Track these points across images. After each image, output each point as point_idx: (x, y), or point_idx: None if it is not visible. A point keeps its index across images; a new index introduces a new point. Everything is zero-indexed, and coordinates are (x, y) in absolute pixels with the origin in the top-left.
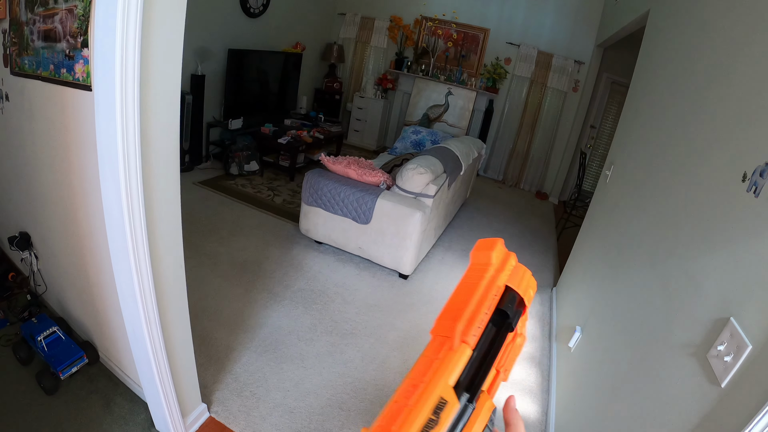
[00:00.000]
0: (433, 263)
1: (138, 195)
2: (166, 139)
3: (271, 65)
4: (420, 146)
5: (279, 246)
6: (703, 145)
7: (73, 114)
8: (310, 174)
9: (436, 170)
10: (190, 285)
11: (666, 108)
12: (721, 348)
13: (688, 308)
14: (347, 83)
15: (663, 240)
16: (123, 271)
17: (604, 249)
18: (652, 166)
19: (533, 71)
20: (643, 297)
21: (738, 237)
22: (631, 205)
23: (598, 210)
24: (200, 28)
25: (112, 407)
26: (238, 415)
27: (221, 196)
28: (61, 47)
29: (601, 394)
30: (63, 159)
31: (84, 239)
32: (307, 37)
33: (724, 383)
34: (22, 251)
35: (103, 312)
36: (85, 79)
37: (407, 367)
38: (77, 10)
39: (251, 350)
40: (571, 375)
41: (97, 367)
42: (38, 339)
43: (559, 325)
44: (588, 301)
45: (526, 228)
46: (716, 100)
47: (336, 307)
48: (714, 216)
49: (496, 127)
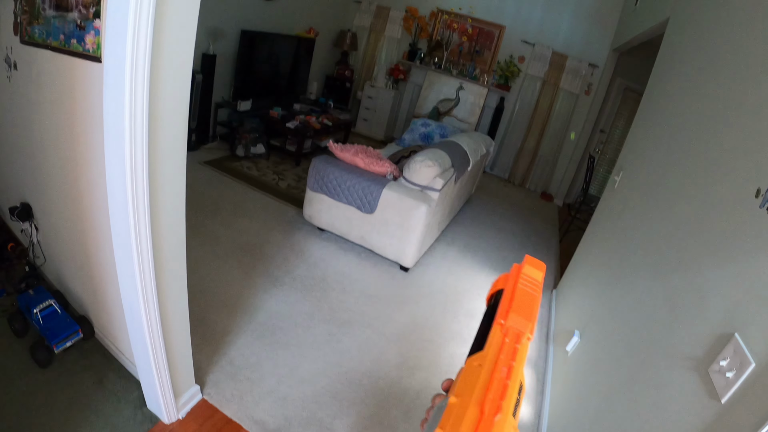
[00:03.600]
0: (435, 257)
1: (143, 171)
2: (175, 115)
3: (284, 49)
4: (428, 139)
5: (281, 230)
6: (717, 159)
7: (81, 86)
8: (317, 160)
9: (444, 164)
10: (190, 265)
11: (681, 118)
12: (724, 363)
13: (691, 321)
14: (359, 71)
15: (669, 250)
16: (123, 246)
17: (608, 255)
18: (663, 176)
19: (546, 71)
20: (645, 306)
21: (747, 253)
22: (639, 213)
23: (604, 215)
24: (214, 8)
25: (105, 383)
26: (231, 399)
27: (226, 177)
28: (73, 17)
29: (597, 400)
30: (68, 131)
31: (85, 213)
32: (321, 22)
33: (725, 399)
34: (23, 222)
35: (101, 287)
36: (96, 51)
37: (403, 362)
38: None
39: (248, 334)
40: (567, 379)
41: (92, 342)
42: (34, 311)
43: (558, 328)
44: (588, 306)
45: (529, 228)
46: (734, 114)
47: (335, 295)
48: (724, 230)
49: (506, 125)
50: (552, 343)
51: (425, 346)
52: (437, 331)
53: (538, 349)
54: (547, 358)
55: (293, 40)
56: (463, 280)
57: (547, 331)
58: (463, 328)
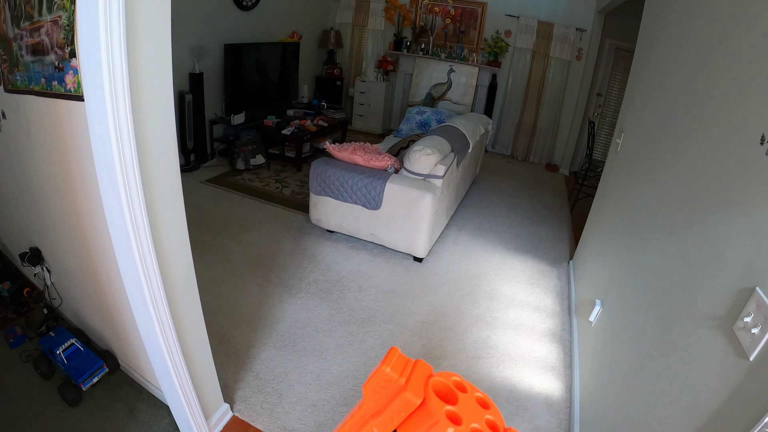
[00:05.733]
0: (447, 244)
1: (139, 201)
2: (163, 141)
3: (269, 57)
4: (426, 126)
5: (291, 238)
6: (716, 108)
7: (68, 125)
8: (316, 163)
9: (443, 150)
10: (204, 285)
11: (675, 68)
12: (748, 320)
13: (710, 278)
14: (347, 68)
15: (680, 208)
16: (132, 278)
17: (619, 219)
18: (665, 132)
19: (535, 42)
20: (663, 267)
21: (759, 203)
22: (645, 173)
23: (611, 179)
24: (193, 26)
25: (136, 414)
26: (261, 413)
27: (229, 192)
28: (50, 59)
29: (625, 368)
30: (63, 171)
31: (92, 249)
32: (303, 25)
33: (753, 356)
34: (34, 266)
35: (119, 320)
36: (77, 90)
37: (428, 352)
38: (62, 21)
39: (270, 346)
40: (594, 350)
41: (118, 375)
42: (57, 352)
43: (579, 299)
44: (606, 274)
45: (538, 201)
46: (730, 57)
47: (352, 295)
48: (732, 182)
49: (501, 102)
50: (575, 316)
51: (448, 335)
52: (458, 318)
53: (562, 322)
54: (571, 331)
55: (277, 47)
56: (479, 263)
57: (568, 303)
58: (484, 312)
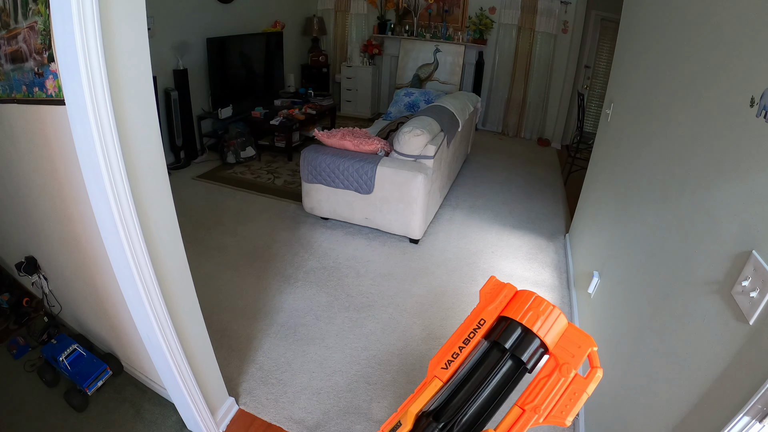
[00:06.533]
0: (442, 224)
1: (128, 202)
2: (148, 140)
3: (253, 48)
4: (414, 108)
5: (286, 228)
6: (705, 72)
7: (53, 131)
8: (306, 151)
9: (432, 130)
10: (202, 281)
11: (660, 36)
12: (746, 284)
13: (706, 244)
14: (333, 55)
15: (673, 174)
16: (126, 280)
17: (613, 189)
18: (653, 100)
19: (520, 17)
20: (658, 235)
21: (753, 166)
22: (637, 142)
23: (602, 150)
24: (174, 22)
25: (143, 414)
26: (266, 404)
27: (222, 186)
28: (30, 66)
29: (626, 338)
30: (52, 178)
31: (86, 254)
32: (285, 14)
33: (752, 320)
34: (31, 275)
35: (118, 322)
36: (58, 94)
37: (429, 333)
38: (38, 26)
39: (271, 337)
40: (594, 322)
41: (123, 376)
42: (60, 359)
43: (577, 272)
44: (603, 245)
45: (531, 177)
46: (714, 22)
47: (350, 281)
48: (724, 146)
49: (489, 79)
50: (574, 289)
51: (448, 315)
52: (458, 297)
53: (561, 296)
54: (571, 304)
55: (261, 38)
56: (475, 241)
57: (567, 277)
58: None
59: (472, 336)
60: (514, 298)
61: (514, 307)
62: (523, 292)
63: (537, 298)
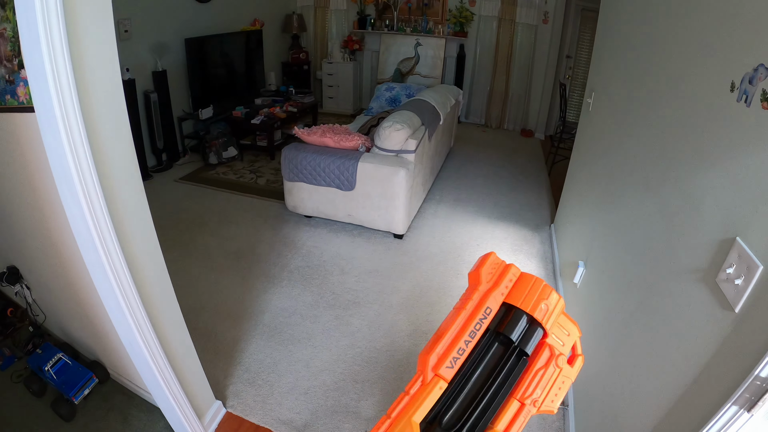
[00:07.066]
0: (426, 218)
1: (101, 209)
2: (119, 145)
3: (232, 47)
4: (396, 102)
5: (269, 227)
6: (685, 58)
7: (26, 138)
8: (286, 150)
9: (413, 124)
10: (186, 283)
11: (639, 24)
12: (730, 271)
13: (690, 231)
14: (313, 52)
15: (655, 162)
16: (105, 288)
17: (596, 179)
18: (633, 88)
19: (500, 9)
20: (642, 224)
21: (735, 151)
22: (618, 130)
23: (585, 140)
24: (152, 24)
25: (131, 421)
26: (254, 406)
27: (204, 188)
28: (1, 73)
29: (613, 327)
30: (29, 186)
31: (66, 262)
32: (264, 11)
33: (738, 308)
34: (13, 285)
35: (102, 329)
36: (29, 101)
37: (415, 329)
38: (7, 33)
39: (257, 338)
40: (581, 311)
41: (109, 384)
42: (46, 369)
43: (562, 262)
44: (588, 234)
45: (515, 168)
46: (694, 7)
47: (335, 279)
48: (706, 132)
49: (471, 71)
50: (560, 279)
51: (434, 309)
52: (443, 291)
53: None
54: None
55: (240, 36)
56: (460, 235)
57: (552, 267)
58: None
59: (479, 328)
60: (518, 281)
61: (518, 292)
62: (527, 275)
63: (544, 285)
